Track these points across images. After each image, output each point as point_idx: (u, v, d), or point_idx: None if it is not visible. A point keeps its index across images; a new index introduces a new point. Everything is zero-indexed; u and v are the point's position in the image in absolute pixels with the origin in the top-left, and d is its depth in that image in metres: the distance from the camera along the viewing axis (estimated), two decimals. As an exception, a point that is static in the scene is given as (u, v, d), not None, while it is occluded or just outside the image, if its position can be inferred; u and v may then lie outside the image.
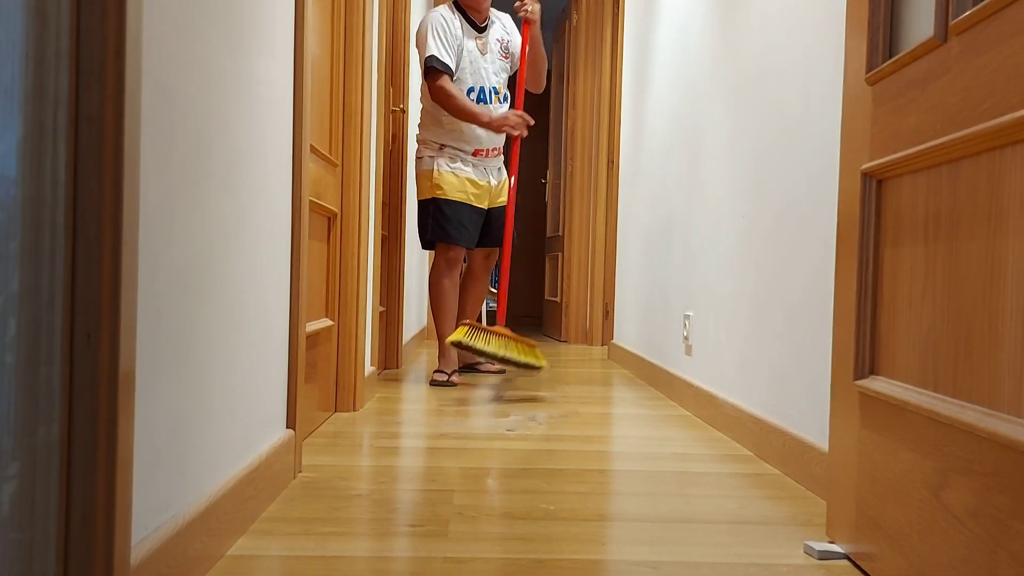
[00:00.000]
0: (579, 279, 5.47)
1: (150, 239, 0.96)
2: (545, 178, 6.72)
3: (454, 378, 3.30)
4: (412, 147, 4.17)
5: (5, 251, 0.75)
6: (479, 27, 3.41)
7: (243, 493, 1.34)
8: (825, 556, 1.32)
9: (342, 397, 2.53)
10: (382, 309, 3.44)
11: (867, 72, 1.28)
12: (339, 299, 2.50)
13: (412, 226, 4.25)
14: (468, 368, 3.60)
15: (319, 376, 2.27)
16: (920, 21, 1.18)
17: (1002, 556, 0.89)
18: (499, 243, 3.52)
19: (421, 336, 5.11)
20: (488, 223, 3.51)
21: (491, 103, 3.43)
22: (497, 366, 3.48)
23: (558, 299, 5.79)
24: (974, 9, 0.98)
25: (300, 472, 1.75)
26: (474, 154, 3.44)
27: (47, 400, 0.77)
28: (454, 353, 3.34)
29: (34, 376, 0.76)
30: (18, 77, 0.75)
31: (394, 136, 3.64)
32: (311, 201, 2.01)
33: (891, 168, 1.19)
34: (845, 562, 1.31)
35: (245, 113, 1.35)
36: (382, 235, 3.34)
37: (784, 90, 2.03)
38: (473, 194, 3.41)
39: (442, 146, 3.42)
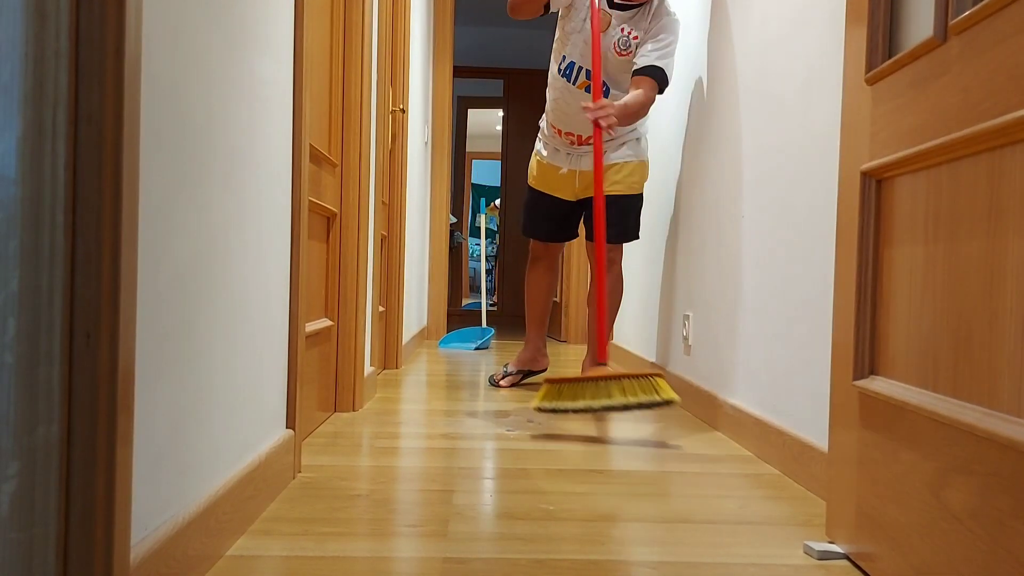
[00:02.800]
0: (579, 279, 5.47)
1: (150, 239, 0.96)
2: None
3: (504, 381, 3.23)
4: (412, 147, 4.18)
5: (4, 251, 0.75)
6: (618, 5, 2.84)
7: (243, 493, 1.34)
8: (825, 556, 1.32)
9: (342, 397, 2.53)
10: (382, 309, 3.44)
11: (867, 72, 1.28)
12: (339, 299, 2.49)
13: (412, 226, 4.25)
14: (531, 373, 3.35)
15: (319, 376, 2.27)
16: (920, 21, 1.18)
17: (1002, 556, 0.89)
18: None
19: (421, 336, 5.11)
20: (587, 216, 3.08)
21: (573, 81, 2.92)
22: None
23: (558, 299, 5.79)
24: (974, 9, 0.98)
25: (300, 472, 1.75)
26: (555, 132, 3.04)
27: (46, 400, 0.77)
28: (530, 352, 3.25)
29: (33, 376, 0.76)
30: (17, 76, 0.75)
31: (394, 136, 3.63)
32: (311, 201, 2.01)
33: (891, 168, 1.19)
34: (845, 562, 1.31)
35: (245, 113, 1.35)
36: (382, 235, 3.34)
37: (784, 89, 2.03)
38: (554, 183, 3.10)
39: (540, 124, 3.15)
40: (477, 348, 4.80)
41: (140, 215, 0.88)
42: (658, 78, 2.78)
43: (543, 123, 3.12)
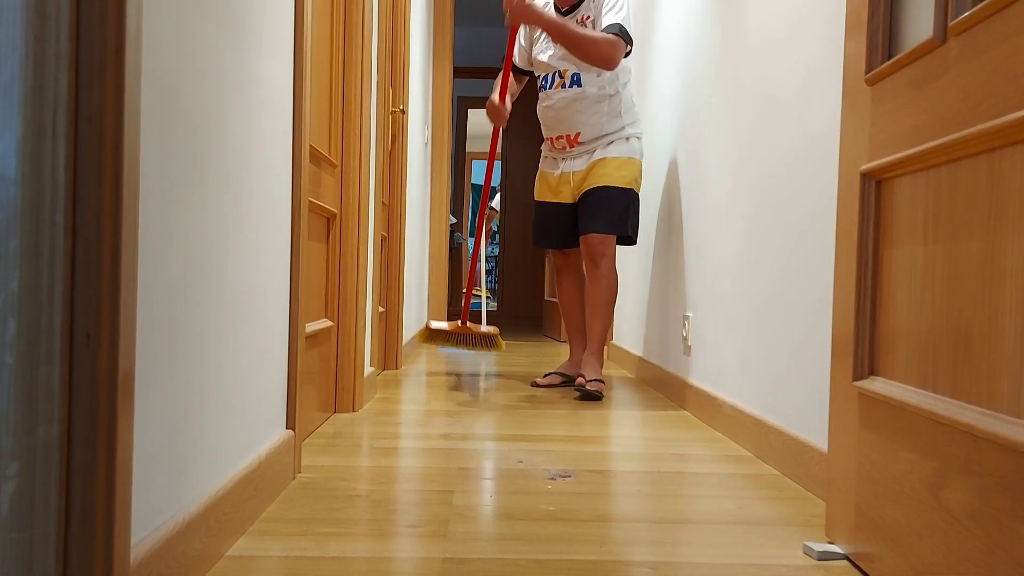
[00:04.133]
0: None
1: (150, 239, 0.96)
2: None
3: (544, 379, 3.30)
4: (412, 147, 4.18)
5: (5, 251, 0.75)
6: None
7: (242, 493, 1.34)
8: (824, 557, 1.32)
9: (342, 398, 2.53)
10: (382, 309, 3.44)
11: (866, 72, 1.28)
12: (338, 300, 2.50)
13: (412, 226, 4.25)
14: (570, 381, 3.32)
15: (319, 377, 2.27)
16: (919, 22, 1.18)
17: (1001, 556, 0.89)
18: (586, 228, 3.11)
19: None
20: (577, 212, 3.18)
21: (550, 86, 3.17)
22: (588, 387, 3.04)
23: (558, 300, 5.79)
24: (973, 10, 0.98)
25: (299, 472, 1.75)
26: (550, 145, 3.25)
27: (46, 400, 0.77)
28: (575, 359, 3.33)
29: (33, 376, 0.76)
30: (18, 77, 0.75)
31: (394, 137, 3.64)
32: (310, 201, 2.01)
33: (890, 169, 1.19)
34: (844, 562, 1.31)
35: (245, 113, 1.35)
36: (382, 235, 3.34)
37: (783, 90, 2.03)
38: (554, 188, 3.23)
39: (544, 145, 3.34)
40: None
41: (140, 215, 0.88)
42: (614, 31, 2.95)
43: (543, 146, 3.32)
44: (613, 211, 3.06)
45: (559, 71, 3.13)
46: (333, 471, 1.80)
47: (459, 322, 3.29)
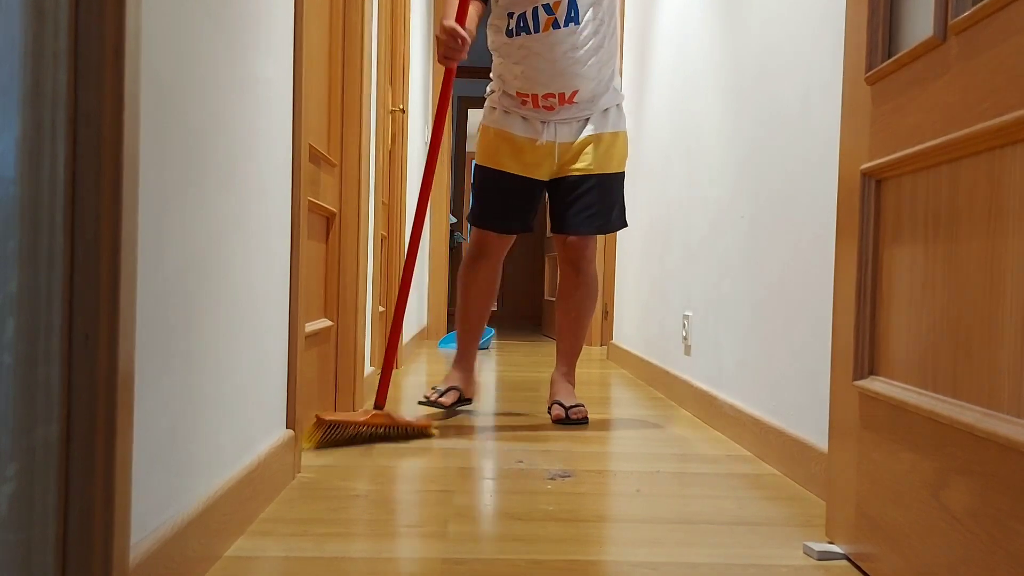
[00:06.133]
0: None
1: (149, 239, 0.95)
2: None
3: (445, 398, 2.54)
4: (413, 147, 4.18)
5: (3, 251, 0.74)
6: None
7: (242, 493, 1.33)
8: (824, 557, 1.32)
9: (342, 398, 2.53)
10: (382, 309, 3.44)
11: (866, 72, 1.28)
12: (338, 299, 2.49)
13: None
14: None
15: (319, 376, 2.27)
16: (919, 21, 1.18)
17: (1001, 557, 0.89)
18: (577, 228, 2.47)
19: (421, 336, 5.11)
20: (555, 198, 2.50)
21: (536, 28, 2.34)
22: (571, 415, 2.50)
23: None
24: (973, 9, 0.98)
25: (299, 472, 1.74)
26: (520, 101, 2.43)
27: (45, 400, 0.77)
28: (467, 365, 2.59)
29: (32, 376, 0.76)
30: (16, 76, 0.75)
31: (394, 136, 3.64)
32: (310, 201, 2.01)
33: (891, 168, 1.19)
34: (844, 563, 1.31)
35: (244, 113, 1.35)
36: (382, 235, 3.34)
37: (783, 90, 2.03)
38: (525, 158, 2.44)
39: (492, 89, 2.52)
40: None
41: (139, 215, 0.88)
42: None
43: (498, 98, 2.51)
44: (612, 206, 2.49)
45: (549, 4, 2.31)
46: (333, 471, 1.80)
47: (373, 407, 2.22)
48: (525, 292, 7.39)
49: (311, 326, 2.09)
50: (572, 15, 2.32)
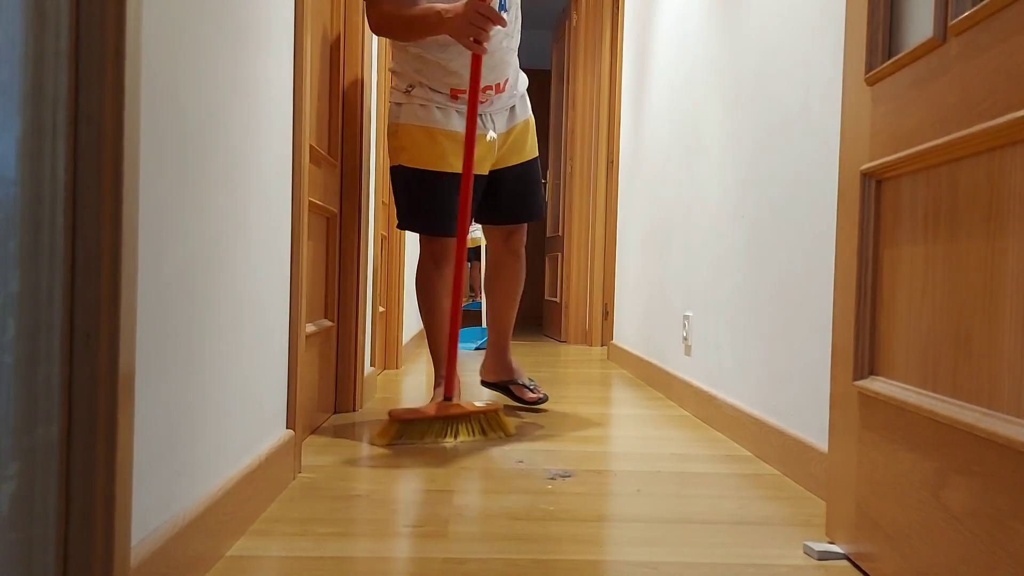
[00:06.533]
0: (578, 279, 5.47)
1: (149, 239, 0.96)
2: (545, 178, 6.73)
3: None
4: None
5: (4, 251, 0.74)
6: None
7: (242, 493, 1.34)
8: (824, 556, 1.32)
9: (342, 397, 2.53)
10: (382, 309, 3.44)
11: (866, 72, 1.28)
12: (339, 299, 2.49)
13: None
14: (501, 388, 2.74)
15: (319, 376, 2.27)
16: (919, 21, 1.18)
17: (1001, 556, 0.89)
18: (522, 216, 2.52)
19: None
20: (496, 190, 2.47)
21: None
22: (537, 395, 2.69)
23: (558, 299, 5.79)
24: (974, 9, 0.98)
25: (300, 472, 1.75)
26: (451, 96, 2.35)
27: (46, 400, 0.77)
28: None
29: (33, 376, 0.76)
30: (17, 76, 0.75)
31: (394, 136, 3.63)
32: (310, 201, 2.01)
33: (891, 168, 1.19)
34: (844, 562, 1.31)
35: (244, 113, 1.35)
36: (382, 235, 3.34)
37: (783, 90, 2.03)
38: (458, 156, 2.30)
39: (411, 86, 2.36)
40: (477, 348, 4.80)
41: (140, 215, 0.88)
42: None
43: (423, 95, 2.36)
44: (540, 191, 2.56)
45: None
46: (333, 471, 1.80)
47: (441, 398, 2.27)
48: (525, 292, 7.38)
49: (311, 326, 2.09)
50: (502, 3, 2.28)
